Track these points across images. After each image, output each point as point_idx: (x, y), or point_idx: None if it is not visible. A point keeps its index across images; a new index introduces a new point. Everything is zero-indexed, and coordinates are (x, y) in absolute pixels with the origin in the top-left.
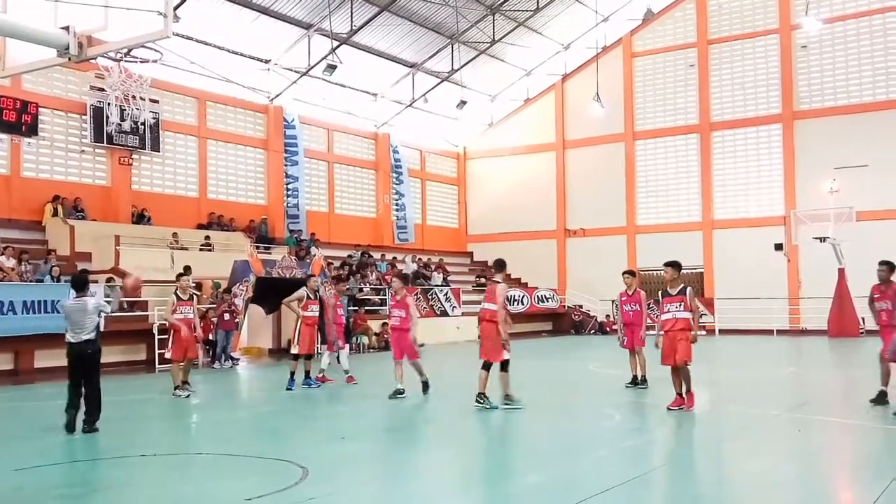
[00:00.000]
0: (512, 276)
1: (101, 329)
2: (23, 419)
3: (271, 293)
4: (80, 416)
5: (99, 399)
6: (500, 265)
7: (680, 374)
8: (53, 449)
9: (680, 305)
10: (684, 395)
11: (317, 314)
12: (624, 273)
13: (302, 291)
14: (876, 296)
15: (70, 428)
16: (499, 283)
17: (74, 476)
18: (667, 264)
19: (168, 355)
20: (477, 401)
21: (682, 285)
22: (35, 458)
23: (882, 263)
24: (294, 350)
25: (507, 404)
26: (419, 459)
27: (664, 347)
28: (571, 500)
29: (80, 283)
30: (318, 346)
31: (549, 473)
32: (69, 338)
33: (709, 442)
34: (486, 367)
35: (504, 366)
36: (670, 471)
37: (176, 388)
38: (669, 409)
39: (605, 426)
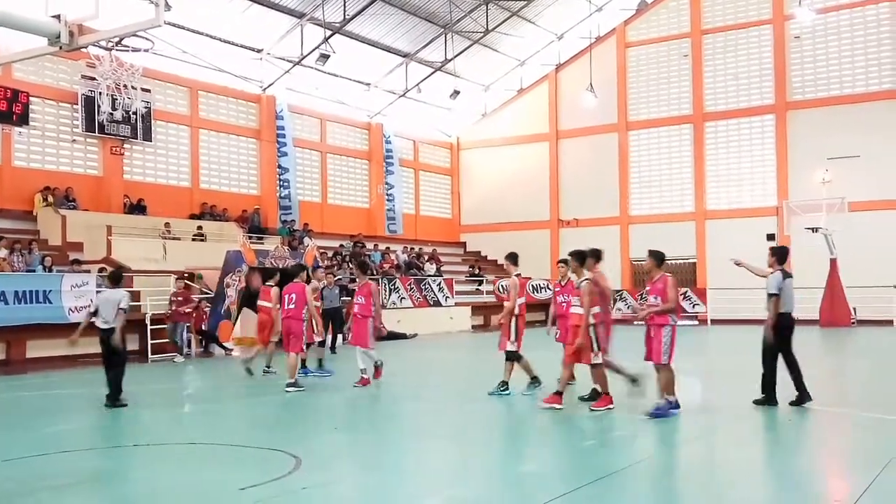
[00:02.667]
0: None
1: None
2: (13, 409)
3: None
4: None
5: (117, 381)
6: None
7: (592, 371)
8: (44, 439)
9: (578, 299)
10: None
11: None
12: (558, 262)
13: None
14: (648, 288)
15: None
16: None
17: (65, 466)
18: (572, 253)
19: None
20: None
21: (586, 277)
22: (25, 448)
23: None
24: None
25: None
26: (412, 449)
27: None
28: (563, 489)
29: (115, 278)
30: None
31: (541, 463)
32: (98, 324)
33: (699, 432)
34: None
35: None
36: (660, 460)
37: (269, 366)
38: (593, 410)
39: (595, 416)
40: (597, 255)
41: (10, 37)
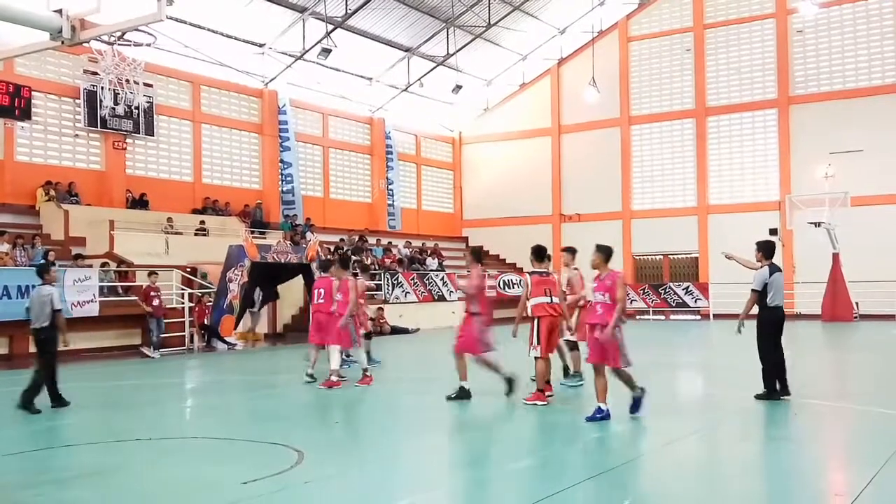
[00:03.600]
0: (507, 262)
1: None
2: (15, 403)
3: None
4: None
5: (38, 381)
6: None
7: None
8: (47, 433)
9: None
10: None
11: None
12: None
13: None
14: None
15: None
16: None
17: (67, 460)
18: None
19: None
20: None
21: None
22: (28, 442)
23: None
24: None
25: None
26: (411, 444)
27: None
28: (560, 486)
29: (38, 272)
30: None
31: (539, 458)
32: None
33: (702, 426)
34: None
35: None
36: (662, 455)
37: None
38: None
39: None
40: (476, 254)
41: (12, 32)
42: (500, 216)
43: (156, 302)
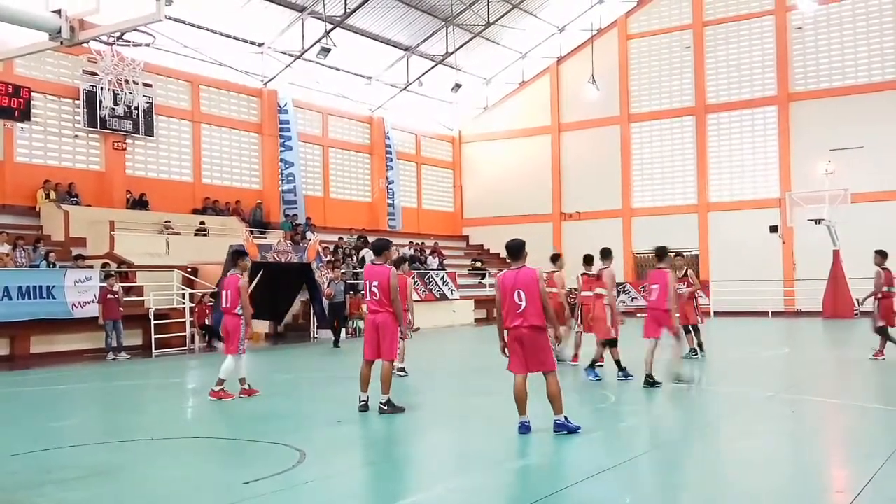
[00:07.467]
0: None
1: None
2: (18, 404)
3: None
4: None
5: None
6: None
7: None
8: (49, 434)
9: None
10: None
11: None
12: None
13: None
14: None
15: None
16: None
17: (70, 460)
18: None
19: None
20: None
21: None
22: (31, 442)
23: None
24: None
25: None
26: (414, 443)
27: None
28: (564, 483)
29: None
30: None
31: (544, 456)
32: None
33: (703, 423)
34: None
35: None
36: (663, 452)
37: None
38: None
39: (599, 408)
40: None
41: (11, 32)
42: (500, 215)
43: (111, 304)
